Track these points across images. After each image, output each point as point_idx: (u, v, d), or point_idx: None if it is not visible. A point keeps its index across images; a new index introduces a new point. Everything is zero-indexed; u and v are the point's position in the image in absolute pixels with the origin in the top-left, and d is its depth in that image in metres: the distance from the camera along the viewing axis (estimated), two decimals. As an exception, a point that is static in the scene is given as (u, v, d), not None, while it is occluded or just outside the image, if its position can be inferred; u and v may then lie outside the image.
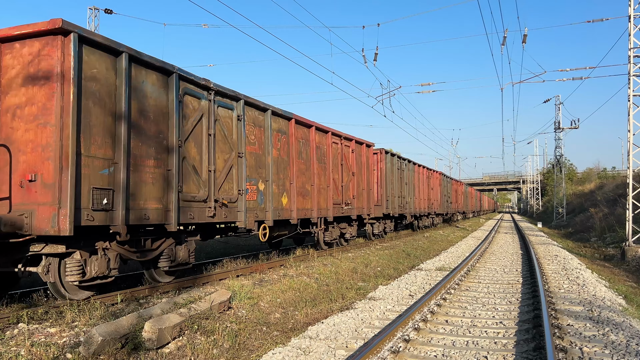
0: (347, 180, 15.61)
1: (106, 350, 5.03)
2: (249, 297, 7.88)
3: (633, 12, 17.47)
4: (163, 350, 5.46)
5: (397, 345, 5.64)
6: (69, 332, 5.54)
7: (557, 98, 46.72)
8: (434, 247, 19.83)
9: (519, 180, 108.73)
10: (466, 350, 5.68)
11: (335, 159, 14.72)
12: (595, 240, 24.82)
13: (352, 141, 16.04)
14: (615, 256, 18.07)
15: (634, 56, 17.55)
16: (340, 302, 8.64)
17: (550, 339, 5.50)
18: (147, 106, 7.54)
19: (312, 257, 13.06)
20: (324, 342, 5.92)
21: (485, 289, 9.81)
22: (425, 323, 6.82)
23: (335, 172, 14.60)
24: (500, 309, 7.99)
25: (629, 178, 18.09)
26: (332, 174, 14.18)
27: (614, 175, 52.12)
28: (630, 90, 17.65)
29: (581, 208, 42.00)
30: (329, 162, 14.03)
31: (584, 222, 33.26)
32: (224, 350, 5.78)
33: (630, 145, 17.73)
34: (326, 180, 13.84)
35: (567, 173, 59.24)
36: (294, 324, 7.13)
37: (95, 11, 25.10)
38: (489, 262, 14.60)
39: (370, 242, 18.59)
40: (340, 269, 11.59)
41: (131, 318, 5.64)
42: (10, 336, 5.33)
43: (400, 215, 22.73)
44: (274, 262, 11.71)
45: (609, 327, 6.58)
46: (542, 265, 13.25)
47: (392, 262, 14.27)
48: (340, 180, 15.00)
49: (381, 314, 7.53)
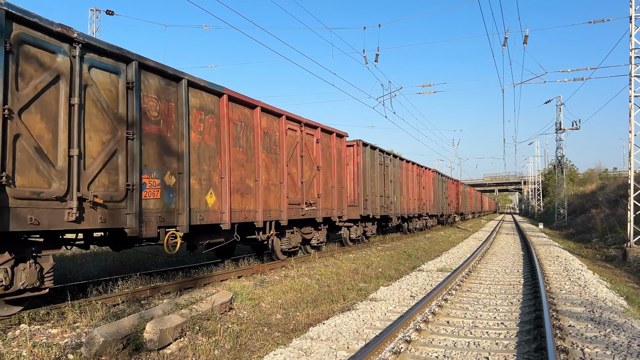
0: (310, 175, 12.86)
1: (108, 351, 5.04)
2: (250, 298, 7.88)
3: (634, 13, 17.46)
4: (164, 351, 5.47)
5: (399, 346, 5.64)
6: (70, 333, 5.55)
7: (558, 99, 46.68)
8: (435, 248, 19.83)
9: (520, 181, 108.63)
10: (467, 351, 5.68)
11: (293, 149, 11.96)
12: (597, 241, 24.79)
13: (316, 129, 13.27)
14: (617, 257, 18.05)
15: (635, 57, 17.54)
16: (341, 303, 8.64)
17: (552, 340, 5.50)
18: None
19: (313, 258, 13.06)
20: (325, 343, 5.92)
21: (487, 290, 9.81)
22: (426, 324, 6.81)
23: (293, 166, 11.92)
24: (502, 309, 7.98)
25: (630, 179, 18.07)
26: (287, 167, 11.54)
27: (615, 176, 52.06)
28: (631, 91, 17.64)
29: (582, 209, 41.95)
30: (282, 153, 11.34)
31: (585, 222, 33.23)
32: (225, 351, 5.78)
33: (631, 146, 17.72)
34: (279, 175, 11.22)
35: (569, 174, 59.19)
36: (295, 325, 7.14)
37: (96, 12, 25.15)
38: (490, 263, 14.58)
39: (371, 243, 18.56)
40: (342, 270, 11.60)
41: (133, 319, 5.65)
42: (12, 337, 5.34)
43: (384, 217, 20.05)
44: (275, 263, 11.71)
45: (610, 328, 6.57)
46: (543, 266, 13.23)
47: (393, 263, 14.27)
48: (300, 175, 12.22)
49: (382, 315, 7.53)
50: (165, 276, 9.78)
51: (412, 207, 24.09)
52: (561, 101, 46.59)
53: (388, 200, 19.76)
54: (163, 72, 7.94)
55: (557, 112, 47.63)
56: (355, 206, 16.15)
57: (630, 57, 17.62)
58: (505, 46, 18.20)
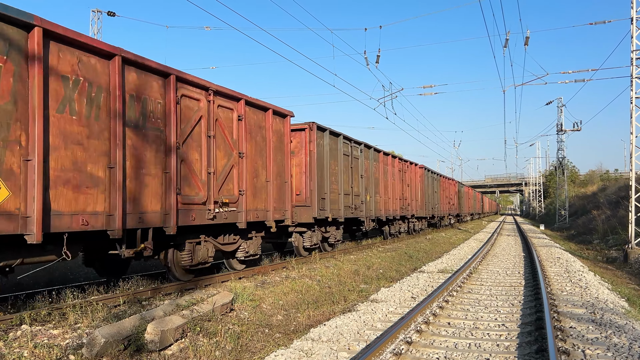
0: (226, 164, 9.31)
1: (109, 351, 5.05)
2: (251, 299, 7.89)
3: (635, 14, 17.46)
4: (165, 352, 5.47)
5: (400, 348, 5.64)
6: (71, 334, 5.56)
7: (559, 100, 46.64)
8: (436, 249, 19.83)
9: (521, 182, 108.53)
10: (468, 353, 5.68)
11: (195, 126, 8.47)
12: (598, 242, 24.78)
13: (239, 102, 9.66)
14: (618, 258, 18.03)
15: (636, 58, 17.54)
16: (342, 304, 8.65)
17: (553, 342, 5.50)
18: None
19: (314, 259, 13.04)
20: (326, 344, 5.93)
21: (488, 292, 9.80)
22: (427, 325, 6.81)
23: (194, 150, 8.45)
24: (503, 311, 7.98)
25: (631, 180, 18.06)
26: (185, 151, 8.22)
27: (617, 178, 52.04)
28: (632, 92, 17.63)
29: (584, 210, 41.93)
30: (170, 129, 7.81)
31: (586, 224, 33.22)
32: (227, 352, 5.79)
33: (632, 147, 17.71)
34: (163, 162, 7.74)
35: (570, 175, 59.15)
36: (296, 326, 7.14)
37: (98, 13, 25.21)
38: (492, 264, 14.58)
39: (372, 244, 18.55)
40: (343, 271, 11.59)
41: (134, 320, 5.66)
42: (14, 337, 5.34)
43: (353, 220, 16.38)
44: (277, 264, 11.70)
45: (611, 330, 6.56)
46: (544, 268, 13.22)
47: (394, 264, 14.27)
48: (208, 163, 8.71)
49: (383, 316, 7.53)
50: (166, 276, 9.77)
51: (393, 207, 20.38)
52: (562, 102, 46.59)
53: (357, 199, 16.02)
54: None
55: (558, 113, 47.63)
56: (307, 206, 12.73)
57: (632, 59, 17.62)
58: (506, 47, 18.22)
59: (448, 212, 35.16)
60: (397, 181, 21.14)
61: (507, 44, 17.98)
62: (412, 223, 24.77)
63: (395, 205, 20.78)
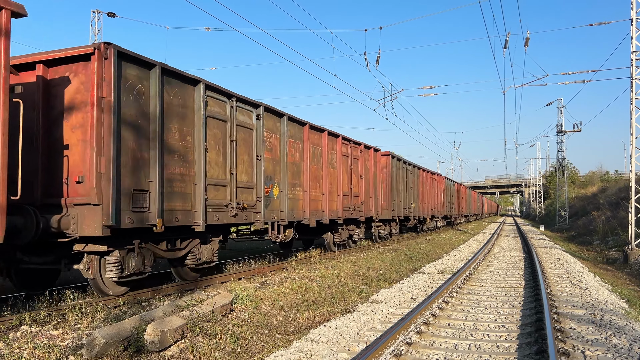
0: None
1: (109, 352, 5.05)
2: (251, 300, 7.88)
3: (635, 15, 17.47)
4: (165, 353, 5.47)
5: (399, 349, 5.64)
6: (71, 335, 5.55)
7: (559, 101, 46.61)
8: (436, 250, 19.82)
9: (522, 183, 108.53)
10: (468, 354, 5.68)
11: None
12: (598, 243, 24.77)
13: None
14: (618, 259, 18.03)
15: (636, 60, 17.54)
16: (342, 305, 8.64)
17: (553, 343, 5.50)
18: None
19: (314, 259, 13.04)
20: (326, 345, 5.92)
21: (488, 292, 9.80)
22: (427, 326, 6.81)
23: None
24: (503, 312, 7.98)
25: (631, 181, 18.05)
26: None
27: (617, 179, 52.01)
28: (632, 93, 17.63)
29: (584, 211, 41.92)
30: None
31: (586, 225, 33.21)
32: (226, 353, 5.79)
33: (632, 148, 17.70)
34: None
35: (570, 176, 59.11)
36: (296, 327, 7.14)
37: (98, 14, 25.23)
38: (492, 265, 14.58)
39: (372, 245, 18.54)
40: (343, 272, 11.59)
41: (133, 320, 5.66)
42: (13, 338, 5.34)
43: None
44: (276, 264, 11.70)
45: (611, 331, 6.56)
46: (544, 269, 13.22)
47: (394, 265, 14.27)
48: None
49: (383, 317, 7.52)
50: (166, 277, 9.77)
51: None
52: (562, 103, 46.57)
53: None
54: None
55: (558, 114, 47.60)
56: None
57: (632, 60, 17.62)
58: (507, 48, 18.22)
59: (431, 214, 28.72)
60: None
61: (507, 45, 18.00)
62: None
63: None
